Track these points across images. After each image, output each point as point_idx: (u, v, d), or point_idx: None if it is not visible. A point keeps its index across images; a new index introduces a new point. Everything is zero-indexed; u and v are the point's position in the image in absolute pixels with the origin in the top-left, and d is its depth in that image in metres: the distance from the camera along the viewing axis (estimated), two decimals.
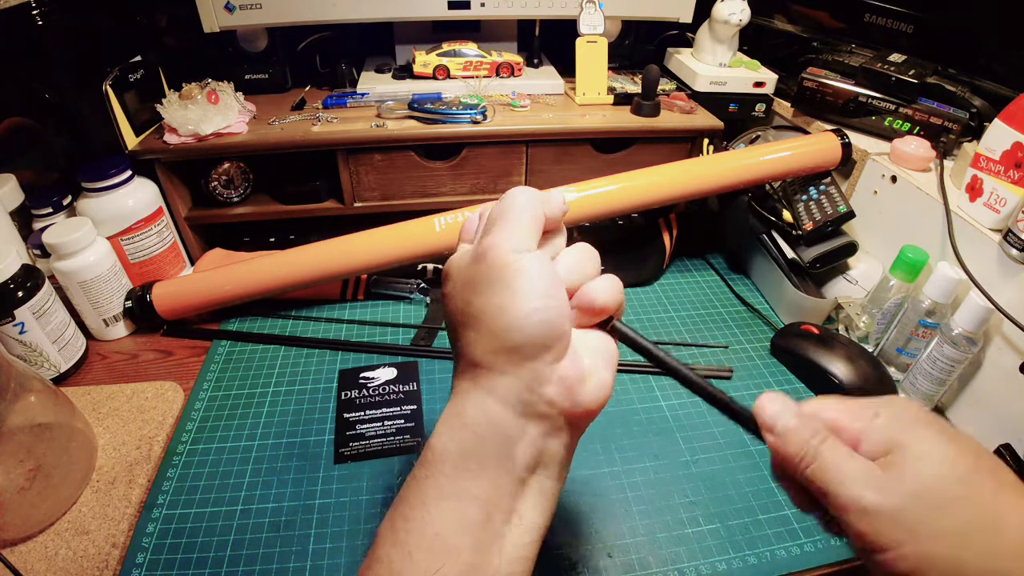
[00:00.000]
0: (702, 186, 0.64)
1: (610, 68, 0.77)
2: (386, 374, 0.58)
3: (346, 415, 0.54)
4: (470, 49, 0.76)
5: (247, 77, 0.76)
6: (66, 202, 0.61)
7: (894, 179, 0.63)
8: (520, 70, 0.79)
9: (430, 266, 0.70)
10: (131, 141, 0.63)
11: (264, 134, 0.66)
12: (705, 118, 0.74)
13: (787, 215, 0.68)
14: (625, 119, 0.72)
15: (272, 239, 0.73)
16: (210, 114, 0.63)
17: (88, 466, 0.47)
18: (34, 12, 0.55)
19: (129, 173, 0.61)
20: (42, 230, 0.56)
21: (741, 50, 0.81)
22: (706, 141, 0.74)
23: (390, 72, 0.79)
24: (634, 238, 0.74)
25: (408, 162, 0.69)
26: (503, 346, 0.26)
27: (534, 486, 0.27)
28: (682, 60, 0.82)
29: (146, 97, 0.65)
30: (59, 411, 0.45)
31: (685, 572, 0.43)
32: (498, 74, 0.77)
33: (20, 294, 0.51)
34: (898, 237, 0.61)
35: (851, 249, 0.64)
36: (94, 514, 0.44)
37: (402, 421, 0.53)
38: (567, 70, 0.79)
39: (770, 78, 0.77)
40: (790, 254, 0.66)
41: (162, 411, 0.53)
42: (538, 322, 0.26)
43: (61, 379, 0.56)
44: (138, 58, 0.66)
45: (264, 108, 0.72)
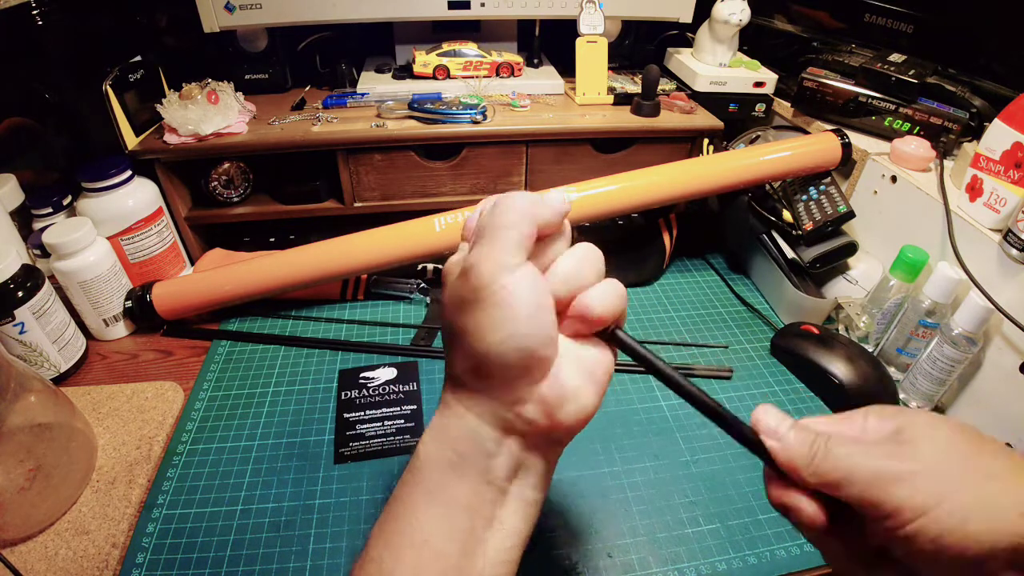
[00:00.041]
0: (702, 186, 0.64)
1: (610, 68, 0.77)
2: (386, 374, 0.58)
3: (346, 415, 0.54)
4: (470, 49, 0.76)
5: (247, 77, 0.76)
6: (66, 202, 0.61)
7: (894, 179, 0.63)
8: (520, 70, 0.79)
9: (430, 266, 0.70)
10: (131, 141, 0.63)
11: (264, 134, 0.66)
12: (705, 118, 0.74)
13: (787, 215, 0.68)
14: (625, 119, 0.72)
15: (272, 239, 0.73)
16: (210, 114, 0.63)
17: (88, 466, 0.47)
18: (34, 12, 0.55)
19: (129, 173, 0.61)
20: (42, 230, 0.56)
21: (741, 50, 0.81)
22: (706, 141, 0.74)
23: (390, 72, 0.79)
24: (634, 238, 0.74)
25: (408, 162, 0.69)
26: (481, 369, 0.27)
27: (515, 494, 0.28)
28: (682, 60, 0.82)
29: (146, 97, 0.65)
30: (59, 411, 0.45)
31: (685, 572, 0.43)
32: (498, 74, 0.77)
33: (20, 294, 0.51)
34: (898, 237, 0.61)
35: (851, 249, 0.64)
36: (94, 514, 0.44)
37: (402, 421, 0.53)
38: (567, 70, 0.79)
39: (770, 78, 0.77)
40: (790, 254, 0.66)
41: (162, 411, 0.53)
42: (515, 349, 0.25)
43: (61, 379, 0.56)
44: (138, 58, 0.66)
45: (264, 108, 0.72)
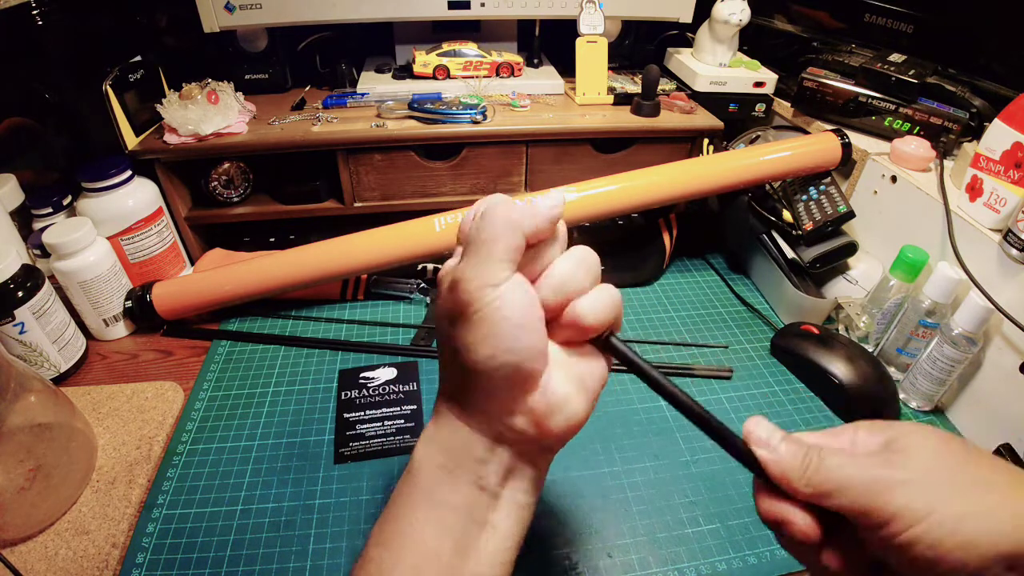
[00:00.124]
0: (702, 186, 0.64)
1: (610, 68, 0.77)
2: (386, 374, 0.58)
3: (346, 415, 0.54)
4: (470, 49, 0.76)
5: (247, 77, 0.76)
6: (66, 202, 0.61)
7: (894, 179, 0.63)
8: (520, 70, 0.79)
9: (430, 266, 0.70)
10: (131, 141, 0.63)
11: (264, 134, 0.66)
12: (705, 118, 0.74)
13: (787, 215, 0.68)
14: (625, 119, 0.72)
15: (272, 239, 0.73)
16: (210, 114, 0.63)
17: (88, 466, 0.47)
18: (34, 12, 0.55)
19: (129, 173, 0.61)
20: (42, 230, 0.56)
21: (741, 50, 0.81)
22: (706, 141, 0.74)
23: (390, 72, 0.79)
24: (634, 238, 0.74)
25: (408, 162, 0.69)
26: (471, 382, 0.27)
27: (508, 498, 0.29)
28: (682, 60, 0.82)
29: (146, 97, 0.65)
30: (59, 411, 0.45)
31: (685, 572, 0.43)
32: (498, 74, 0.77)
33: (20, 294, 0.51)
34: (898, 237, 0.61)
35: (851, 249, 0.64)
36: (94, 514, 0.44)
37: (402, 421, 0.53)
38: (567, 70, 0.79)
39: (770, 78, 0.77)
40: (790, 254, 0.66)
41: (162, 411, 0.53)
42: (503, 364, 0.25)
43: (61, 379, 0.56)
44: (138, 58, 0.66)
45: (264, 108, 0.72)
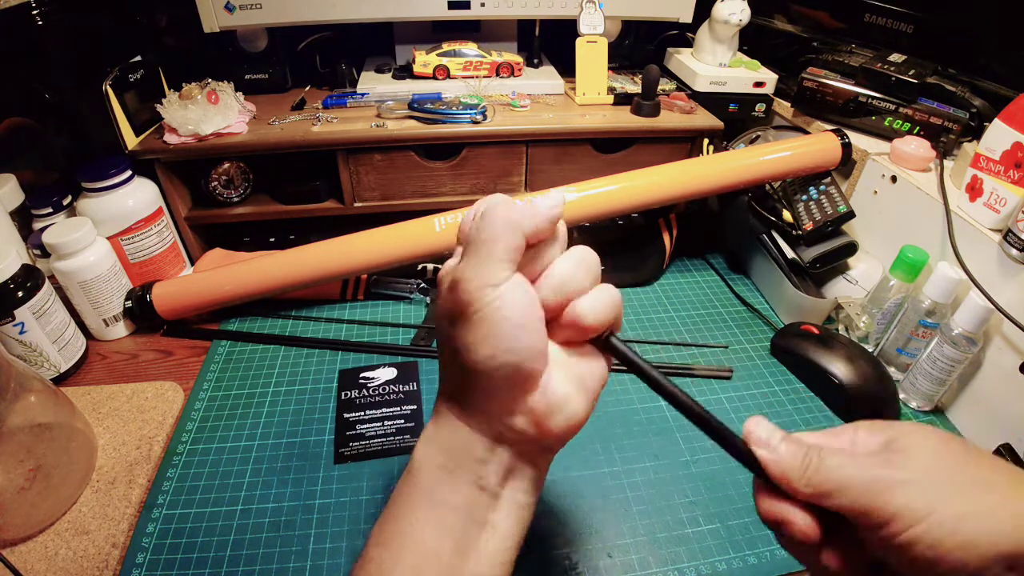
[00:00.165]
0: (702, 186, 0.64)
1: (610, 68, 0.77)
2: (386, 374, 0.58)
3: (346, 415, 0.54)
4: (470, 49, 0.76)
5: (247, 77, 0.76)
6: (66, 202, 0.61)
7: (894, 179, 0.63)
8: (520, 70, 0.79)
9: (430, 266, 0.70)
10: (131, 141, 0.63)
11: (264, 134, 0.66)
12: (705, 118, 0.74)
13: (787, 215, 0.68)
14: (625, 119, 0.72)
15: (272, 239, 0.73)
16: (210, 114, 0.63)
17: (88, 466, 0.47)
18: (34, 12, 0.55)
19: (129, 173, 0.61)
20: (42, 230, 0.56)
21: (741, 50, 0.81)
22: (706, 141, 0.74)
23: (390, 72, 0.79)
24: (634, 238, 0.74)
25: (408, 162, 0.69)
26: (471, 382, 0.27)
27: (507, 498, 0.29)
28: (682, 60, 0.82)
29: (146, 97, 0.65)
30: (59, 411, 0.45)
31: (685, 572, 0.43)
32: (498, 74, 0.77)
33: (20, 294, 0.51)
34: (898, 237, 0.61)
35: (851, 249, 0.64)
36: (94, 514, 0.44)
37: (402, 421, 0.53)
38: (567, 70, 0.79)
39: (770, 78, 0.77)
40: (790, 254, 0.66)
41: (162, 411, 0.53)
42: (503, 363, 0.26)
43: (61, 379, 0.56)
44: (138, 58, 0.66)
45: (264, 108, 0.72)
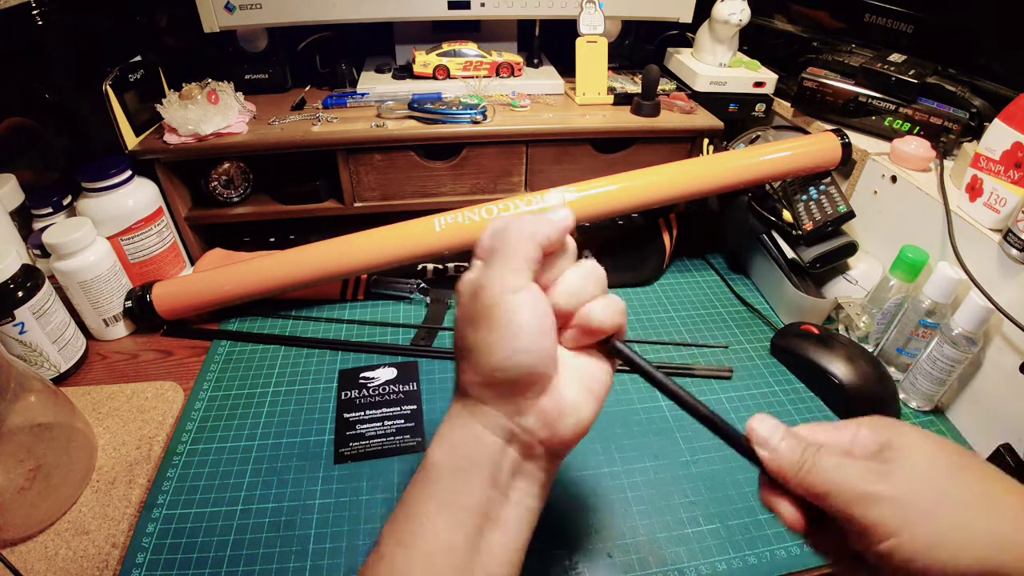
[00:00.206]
0: (702, 186, 0.64)
1: (610, 68, 0.77)
2: (386, 374, 0.58)
3: (346, 415, 0.54)
4: (470, 49, 0.76)
5: (247, 77, 0.76)
6: (66, 202, 0.61)
7: (894, 179, 0.63)
8: (520, 70, 0.79)
9: (430, 266, 0.70)
10: (131, 141, 0.63)
11: (264, 134, 0.66)
12: (705, 118, 0.74)
13: (787, 215, 0.68)
14: (625, 119, 0.72)
15: (272, 239, 0.73)
16: (210, 114, 0.63)
17: (88, 466, 0.47)
18: (34, 12, 0.55)
19: (129, 173, 0.61)
20: (42, 230, 0.56)
21: (741, 50, 0.81)
22: (706, 141, 0.74)
23: (390, 72, 0.79)
24: (634, 238, 0.73)
25: (408, 162, 0.69)
26: (488, 381, 0.29)
27: (516, 500, 0.30)
28: (682, 60, 0.82)
29: (146, 97, 0.65)
30: (59, 411, 0.45)
31: (685, 572, 0.43)
32: (498, 74, 0.77)
33: (20, 294, 0.51)
34: (898, 237, 0.61)
35: (851, 249, 0.64)
36: (94, 514, 0.44)
37: (402, 421, 0.53)
38: (567, 70, 0.79)
39: (770, 78, 0.77)
40: (790, 254, 0.66)
41: (162, 411, 0.53)
42: (519, 364, 0.28)
43: (61, 379, 0.56)
44: (138, 58, 0.66)
45: (264, 108, 0.72)
